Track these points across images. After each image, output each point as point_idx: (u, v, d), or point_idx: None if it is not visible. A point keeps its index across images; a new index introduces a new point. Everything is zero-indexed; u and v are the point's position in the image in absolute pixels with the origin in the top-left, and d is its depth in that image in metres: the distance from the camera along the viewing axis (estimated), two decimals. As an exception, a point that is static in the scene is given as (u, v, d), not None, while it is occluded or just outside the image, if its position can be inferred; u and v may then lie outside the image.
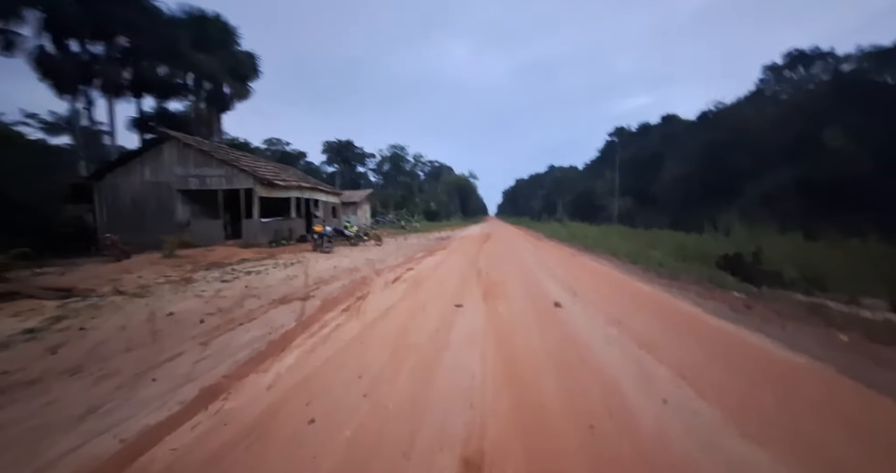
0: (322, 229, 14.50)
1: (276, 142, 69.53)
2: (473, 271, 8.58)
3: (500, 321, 4.50)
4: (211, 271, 9.43)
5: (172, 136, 15.08)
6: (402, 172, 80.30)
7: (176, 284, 7.77)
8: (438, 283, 7.20)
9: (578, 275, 8.27)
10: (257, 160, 19.99)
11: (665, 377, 2.91)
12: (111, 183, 14.97)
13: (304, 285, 7.54)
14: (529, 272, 8.54)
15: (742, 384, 2.79)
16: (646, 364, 3.14)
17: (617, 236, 20.98)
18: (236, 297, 6.53)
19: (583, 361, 3.20)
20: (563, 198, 64.86)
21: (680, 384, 2.77)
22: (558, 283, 7.17)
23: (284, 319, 4.98)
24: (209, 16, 29.74)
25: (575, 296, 5.93)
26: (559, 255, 12.90)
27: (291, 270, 9.79)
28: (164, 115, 32.29)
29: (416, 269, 9.49)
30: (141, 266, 9.75)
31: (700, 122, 39.09)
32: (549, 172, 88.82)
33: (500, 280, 7.40)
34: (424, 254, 13.19)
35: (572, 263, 10.72)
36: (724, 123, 32.25)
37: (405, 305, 5.40)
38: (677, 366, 3.08)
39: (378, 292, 6.61)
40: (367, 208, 33.10)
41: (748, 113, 32.09)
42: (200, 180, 15.20)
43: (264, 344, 3.97)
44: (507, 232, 29.60)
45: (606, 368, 3.06)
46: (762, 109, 30.65)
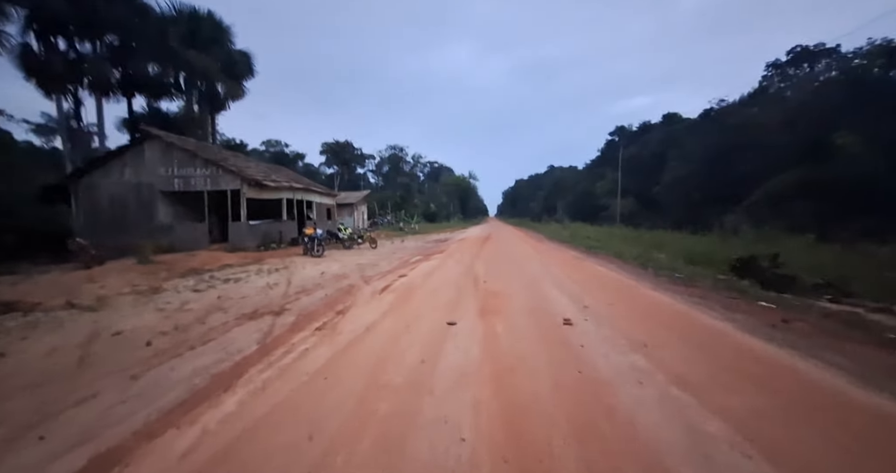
0: (313, 232, 13.74)
1: (276, 144, 68.93)
2: (470, 279, 7.83)
3: (500, 346, 3.73)
4: (186, 279, 8.67)
5: (155, 134, 14.34)
6: (401, 174, 79.66)
7: (141, 295, 7.01)
8: (431, 293, 6.44)
9: (585, 282, 7.51)
10: (248, 161, 19.26)
11: (723, 439, 2.16)
12: (89, 184, 14.23)
13: (282, 296, 6.79)
14: (531, 280, 7.79)
15: (843, 458, 2.02)
16: (692, 417, 2.38)
17: (620, 238, 20.29)
18: (202, 311, 5.78)
19: (608, 413, 2.44)
20: (563, 199, 64.13)
21: (748, 452, 2.02)
22: (564, 292, 6.41)
23: (246, 341, 4.23)
24: (201, 13, 29.00)
25: (585, 309, 5.17)
26: (562, 259, 12.15)
27: (274, 277, 9.03)
28: (157, 115, 31.53)
29: (408, 275, 8.74)
30: (109, 274, 8.98)
31: (703, 120, 38.40)
32: (549, 173, 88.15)
33: (499, 290, 6.65)
34: (420, 258, 12.44)
35: (577, 268, 9.96)
36: (728, 121, 31.54)
37: (389, 323, 4.64)
38: (734, 419, 2.33)
39: (362, 304, 5.86)
40: (363, 209, 32.34)
41: (752, 111, 31.41)
42: (184, 181, 14.45)
43: (207, 378, 3.21)
44: (507, 234, 28.85)
45: (641, 426, 2.29)
46: (767, 107, 29.95)
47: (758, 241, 14.16)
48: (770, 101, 31.71)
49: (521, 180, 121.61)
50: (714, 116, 36.75)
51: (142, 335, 4.55)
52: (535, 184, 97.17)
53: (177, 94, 30.42)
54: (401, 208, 48.43)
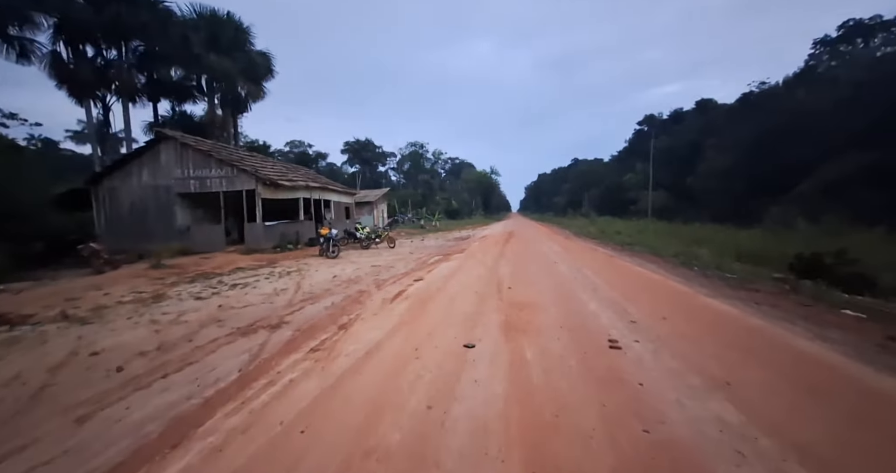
0: (328, 232, 13.24)
1: (299, 144, 69.73)
2: (493, 284, 7.01)
3: (531, 383, 2.92)
4: (193, 285, 8.27)
5: (169, 135, 14.18)
6: (422, 171, 79.26)
7: (141, 303, 6.58)
8: (448, 302, 5.68)
9: (626, 287, 6.56)
10: (265, 160, 19.02)
11: None
12: (109, 187, 14.23)
13: (286, 305, 6.20)
14: (562, 284, 6.90)
15: None
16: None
17: (654, 233, 18.94)
18: (196, 323, 5.24)
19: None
20: (589, 192, 61.94)
21: None
22: (603, 301, 5.51)
23: (228, 366, 3.60)
24: (221, 15, 29.15)
25: (634, 325, 4.28)
26: (594, 258, 11.13)
27: (283, 282, 8.51)
28: (181, 118, 32.18)
29: (425, 279, 8.02)
30: (118, 280, 8.70)
31: (741, 106, 35.80)
32: (574, 166, 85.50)
33: (525, 298, 5.81)
34: (439, 258, 11.71)
35: (613, 268, 8.96)
36: (771, 105, 29.14)
37: (395, 343, 3.91)
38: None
39: (369, 316, 5.16)
40: (383, 207, 31.91)
41: (799, 94, 28.87)
42: (200, 183, 14.24)
43: (162, 425, 2.57)
44: (531, 230, 27.74)
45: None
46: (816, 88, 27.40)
47: (817, 235, 12.64)
48: (820, 81, 29.05)
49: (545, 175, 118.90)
50: (754, 100, 34.15)
51: (119, 357, 4.01)
52: (559, 178, 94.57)
53: (199, 96, 30.86)
54: (422, 206, 47.91)
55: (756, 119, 29.83)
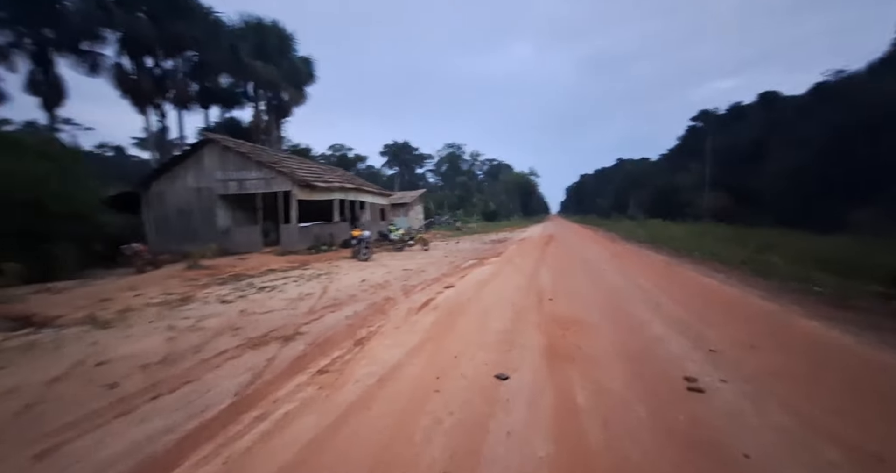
0: (360, 234, 12.97)
1: (340, 148, 71.60)
2: (532, 295, 6.24)
3: (585, 442, 2.17)
4: (223, 287, 8.15)
5: (211, 138, 14.54)
6: (459, 172, 78.90)
7: (167, 305, 6.45)
8: (479, 316, 5.00)
9: (695, 302, 5.56)
10: (302, 162, 19.22)
11: None
12: (157, 191, 14.81)
13: (307, 312, 5.79)
14: (615, 296, 6.00)
15: None
16: None
17: (714, 238, 17.04)
18: (212, 331, 4.93)
19: None
20: (636, 194, 58.62)
21: None
22: (669, 320, 4.61)
23: (225, 388, 3.15)
24: (266, 24, 30.25)
25: (715, 357, 3.39)
26: (649, 264, 10.00)
27: (311, 285, 8.20)
28: (230, 124, 33.78)
29: (456, 286, 7.38)
30: (154, 280, 8.78)
31: (815, 97, 32.17)
32: (619, 167, 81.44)
33: (571, 314, 5.01)
34: (473, 263, 11.03)
35: (674, 278, 7.86)
36: (854, 96, 25.84)
37: (414, 369, 3.29)
38: None
39: (390, 330, 4.60)
40: (419, 209, 31.68)
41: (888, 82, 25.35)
42: (240, 184, 14.48)
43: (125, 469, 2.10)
44: (572, 233, 26.34)
45: None
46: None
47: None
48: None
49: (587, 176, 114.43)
50: (831, 90, 30.51)
51: (122, 369, 3.71)
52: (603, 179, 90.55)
53: (246, 103, 32.23)
54: (458, 207, 47.38)
55: (833, 112, 26.58)
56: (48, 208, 9.72)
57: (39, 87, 24.72)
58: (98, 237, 12.39)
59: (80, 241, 10.95)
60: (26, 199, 8.69)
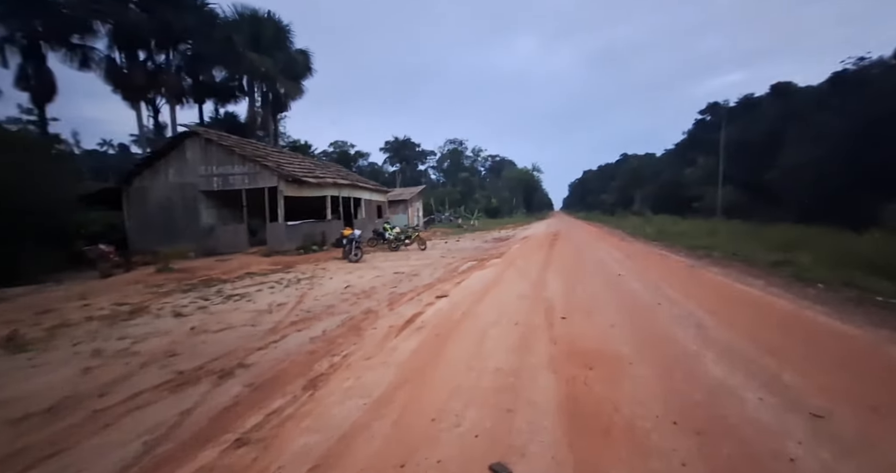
0: (351, 233, 12.00)
1: (342, 144, 70.65)
2: (539, 309, 5.24)
3: None
4: (186, 295, 7.23)
5: (193, 131, 13.59)
6: (461, 169, 77.79)
7: (110, 320, 5.52)
8: (474, 344, 4.01)
9: (741, 319, 4.52)
10: (293, 157, 18.26)
11: None
12: (139, 187, 13.90)
13: (268, 331, 4.84)
14: (642, 312, 4.99)
15: None
16: None
17: (729, 235, 15.79)
18: (143, 359, 4.00)
19: None
20: (641, 189, 57.22)
21: None
22: (723, 351, 3.57)
23: (98, 469, 2.18)
24: (262, 15, 29.19)
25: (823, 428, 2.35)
26: (669, 267, 8.94)
27: (286, 293, 7.26)
28: (227, 119, 32.83)
29: (450, 295, 6.40)
30: (113, 287, 7.86)
31: (834, 87, 30.70)
32: (624, 162, 79.76)
33: (592, 340, 4.01)
34: (472, 265, 10.04)
35: (703, 284, 6.80)
36: (880, 83, 24.44)
37: (371, 446, 2.30)
38: None
39: (359, 361, 3.63)
40: (419, 206, 30.65)
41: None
42: (223, 180, 13.55)
43: None
44: (578, 230, 25.24)
45: None
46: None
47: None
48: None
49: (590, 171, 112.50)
50: (851, 79, 29.02)
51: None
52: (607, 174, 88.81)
53: (241, 97, 31.24)
54: (460, 204, 46.29)
55: (855, 101, 25.19)
56: (4, 205, 8.81)
57: (29, 82, 23.82)
58: (73, 237, 11.52)
59: (49, 241, 10.05)
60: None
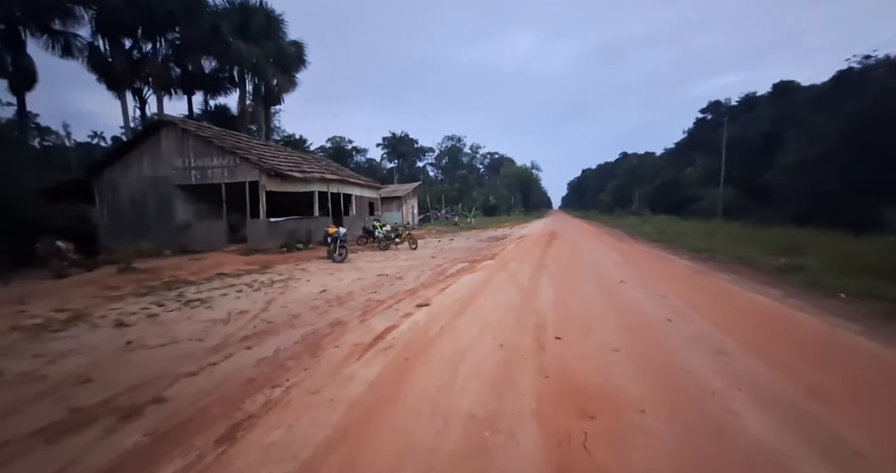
0: (336, 231, 11.27)
1: (340, 140, 69.59)
2: (529, 326, 4.56)
3: None
4: (141, 299, 6.50)
5: (169, 121, 12.79)
6: (460, 166, 77.00)
7: (37, 331, 4.81)
8: (446, 373, 3.32)
9: (767, 342, 3.86)
10: (279, 150, 17.49)
11: None
12: (110, 179, 13.10)
13: (215, 347, 4.14)
14: (650, 333, 4.31)
15: None
16: None
17: (729, 237, 15.07)
18: (44, 387, 3.28)
19: None
20: (640, 189, 56.70)
21: None
22: (755, 391, 2.90)
23: None
24: (251, 3, 28.20)
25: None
26: (673, 272, 8.29)
27: (254, 298, 6.56)
28: (217, 112, 31.87)
29: (432, 304, 5.71)
30: (61, 289, 7.12)
31: (837, 87, 30.14)
32: (623, 161, 79.22)
33: (592, 374, 3.33)
34: (462, 267, 9.35)
35: (712, 293, 6.13)
36: (884, 84, 23.86)
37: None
38: None
39: (301, 397, 2.93)
40: (413, 203, 29.91)
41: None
42: (201, 173, 12.77)
43: None
44: (576, 230, 24.60)
45: None
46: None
47: None
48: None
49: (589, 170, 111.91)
50: (855, 79, 28.45)
51: None
52: (606, 173, 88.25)
53: (232, 88, 30.29)
54: (458, 202, 45.54)
55: (858, 102, 24.63)
56: None
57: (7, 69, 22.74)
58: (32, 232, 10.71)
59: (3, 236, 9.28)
60: None
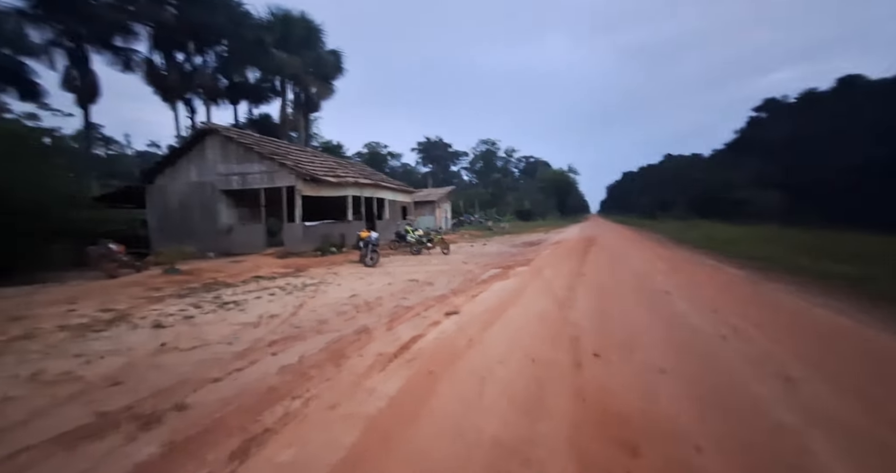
0: (367, 236, 11.31)
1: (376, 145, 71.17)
2: (563, 340, 4.21)
3: None
4: (181, 300, 6.73)
5: (213, 129, 13.40)
6: (494, 170, 76.47)
7: (82, 331, 5.01)
8: (472, 391, 3.08)
9: (835, 363, 3.31)
10: (316, 156, 17.91)
11: None
12: (160, 185, 13.89)
13: (242, 352, 4.13)
14: (702, 351, 3.85)
15: None
16: None
17: (784, 243, 13.45)
18: (78, 387, 3.35)
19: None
20: (684, 192, 53.70)
21: None
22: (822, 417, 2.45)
23: None
24: (294, 15, 29.41)
25: None
26: (722, 281, 7.57)
27: (285, 302, 6.62)
28: (260, 120, 33.45)
29: (462, 313, 5.48)
30: (109, 289, 7.50)
31: (916, 78, 27.18)
32: (667, 163, 75.59)
33: (636, 403, 2.96)
34: (494, 274, 9.05)
35: (770, 307, 5.47)
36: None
37: None
38: None
39: (319, 412, 2.78)
40: (447, 207, 29.83)
41: None
42: (242, 179, 13.27)
43: None
44: (615, 236, 23.53)
45: None
46: None
47: None
48: None
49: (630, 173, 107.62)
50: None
51: None
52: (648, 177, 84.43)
53: (274, 97, 31.69)
54: (491, 206, 45.11)
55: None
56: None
57: (75, 83, 24.89)
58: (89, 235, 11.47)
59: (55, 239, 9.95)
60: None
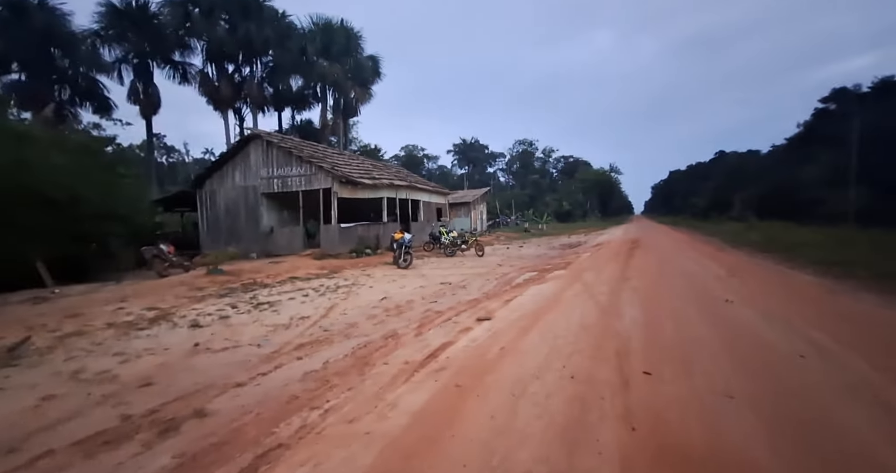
0: (401, 237, 11.24)
1: (413, 148, 72.13)
2: (609, 354, 3.80)
3: None
4: (220, 300, 6.91)
5: (257, 134, 13.92)
6: (531, 171, 74.99)
7: (126, 329, 5.22)
8: (504, 410, 2.79)
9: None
10: (352, 158, 18.21)
11: None
12: (210, 190, 14.63)
13: (270, 355, 4.09)
14: (776, 372, 3.32)
15: None
16: None
17: (864, 246, 11.80)
18: (113, 388, 3.41)
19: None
20: (742, 191, 49.71)
21: None
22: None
23: None
24: (335, 24, 30.31)
25: None
26: (792, 289, 6.67)
27: (319, 302, 6.65)
28: (303, 126, 34.80)
29: (494, 318, 5.17)
30: (158, 288, 7.87)
31: None
32: (719, 160, 70.33)
33: (696, 427, 2.55)
34: (530, 277, 8.63)
35: (854, 321, 4.70)
36: None
37: None
38: None
39: (337, 425, 2.60)
40: (482, 208, 29.43)
41: None
42: (282, 182, 13.69)
43: None
44: (662, 237, 22.06)
45: None
46: None
47: None
48: None
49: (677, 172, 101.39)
50: None
51: None
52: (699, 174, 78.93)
53: (315, 104, 32.82)
54: (529, 207, 44.10)
55: None
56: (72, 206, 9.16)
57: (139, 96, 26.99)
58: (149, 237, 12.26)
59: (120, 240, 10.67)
60: (45, 194, 8.13)
